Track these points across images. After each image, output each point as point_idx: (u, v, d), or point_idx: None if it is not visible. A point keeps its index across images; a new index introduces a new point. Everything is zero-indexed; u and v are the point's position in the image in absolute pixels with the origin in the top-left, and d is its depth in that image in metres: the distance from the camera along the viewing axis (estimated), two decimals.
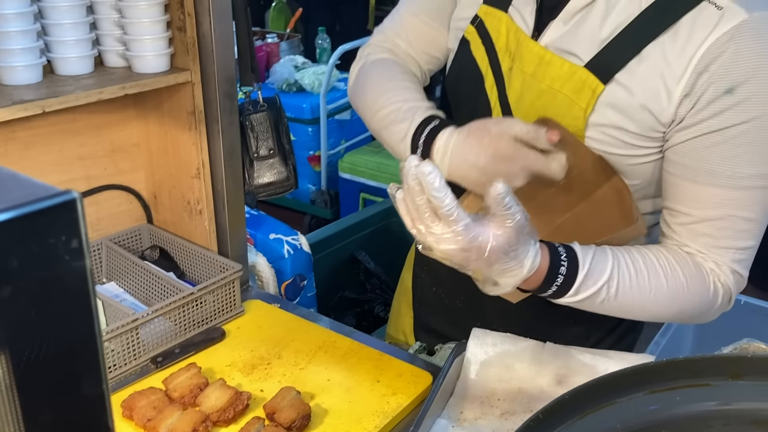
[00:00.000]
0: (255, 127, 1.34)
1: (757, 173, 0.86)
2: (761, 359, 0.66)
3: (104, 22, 1.20)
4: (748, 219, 0.88)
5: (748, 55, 0.81)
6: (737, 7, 0.81)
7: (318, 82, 3.41)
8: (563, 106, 0.91)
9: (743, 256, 0.92)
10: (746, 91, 0.81)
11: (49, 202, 0.29)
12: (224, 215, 1.34)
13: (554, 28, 0.92)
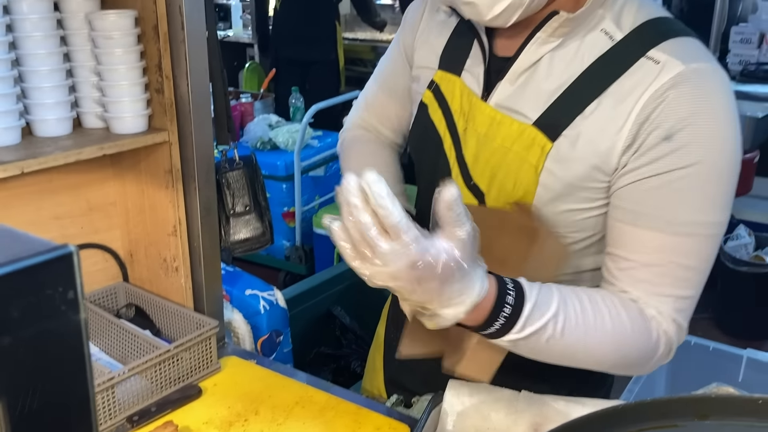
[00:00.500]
0: (231, 184, 1.37)
1: (695, 221, 0.87)
2: (725, 399, 0.69)
3: (83, 85, 1.23)
4: (687, 267, 0.88)
5: (685, 103, 0.84)
6: (675, 60, 0.85)
7: (292, 139, 3.47)
8: (515, 163, 0.94)
9: (683, 306, 0.91)
10: (683, 138, 0.84)
11: (47, 256, 0.31)
12: (200, 272, 1.35)
13: (502, 89, 0.97)
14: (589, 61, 0.90)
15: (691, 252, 0.88)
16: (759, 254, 3.14)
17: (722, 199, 0.88)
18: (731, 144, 0.87)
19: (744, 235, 3.17)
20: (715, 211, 0.88)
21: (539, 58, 0.93)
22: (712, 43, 3.75)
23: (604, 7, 0.92)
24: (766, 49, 3.68)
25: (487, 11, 0.88)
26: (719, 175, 0.87)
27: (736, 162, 0.88)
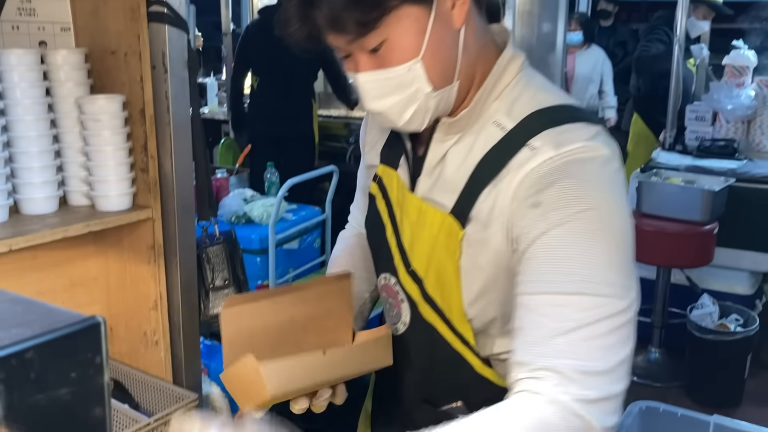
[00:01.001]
0: (211, 259, 1.41)
1: (577, 279, 0.86)
2: None
3: (71, 165, 1.28)
4: (572, 329, 0.85)
5: (548, 176, 0.89)
6: (547, 146, 0.91)
7: (267, 213, 3.52)
8: (441, 250, 1.00)
9: (577, 367, 0.84)
10: (547, 203, 0.88)
11: (80, 326, 0.36)
12: (180, 345, 1.38)
13: (422, 182, 1.05)
14: (483, 152, 0.96)
15: (576, 312, 0.86)
16: (723, 322, 3.23)
17: (592, 258, 0.87)
18: (593, 207, 0.88)
19: (708, 304, 3.26)
20: (584, 269, 0.86)
21: (444, 154, 1.01)
22: (669, 121, 3.96)
23: (499, 99, 0.98)
24: (719, 126, 3.88)
25: (398, 119, 0.96)
26: (581, 235, 0.87)
27: (605, 226, 0.88)
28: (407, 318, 1.10)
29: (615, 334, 0.85)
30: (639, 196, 3.35)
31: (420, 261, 1.04)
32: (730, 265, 3.52)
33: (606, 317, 0.85)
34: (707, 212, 3.18)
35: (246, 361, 0.98)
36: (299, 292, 1.13)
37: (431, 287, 1.04)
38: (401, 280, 1.09)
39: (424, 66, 0.92)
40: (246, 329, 1.04)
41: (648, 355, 3.57)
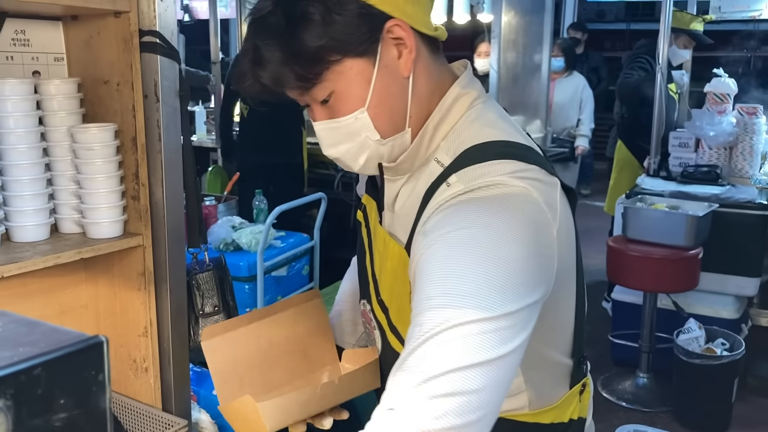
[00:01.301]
0: (201, 285, 1.42)
1: (438, 302, 0.82)
2: None
3: (62, 193, 1.29)
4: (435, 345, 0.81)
5: (445, 213, 0.89)
6: (459, 183, 0.91)
7: (255, 240, 3.52)
8: (399, 282, 1.01)
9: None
10: (429, 229, 0.89)
11: (84, 344, 0.37)
12: (169, 372, 1.38)
13: (386, 216, 1.08)
14: (424, 188, 0.97)
15: (433, 327, 0.81)
16: (710, 347, 3.25)
17: (477, 274, 0.82)
18: (469, 228, 0.85)
19: (694, 328, 3.29)
20: (463, 282, 0.82)
21: (397, 192, 1.04)
22: (653, 147, 4.02)
23: (446, 139, 0.99)
24: (702, 152, 3.94)
25: (353, 164, 1.01)
26: (446, 255, 0.85)
27: (479, 246, 0.84)
28: (379, 344, 1.14)
29: (467, 341, 0.79)
30: (624, 222, 3.40)
31: (385, 291, 1.07)
32: (715, 289, 3.56)
33: (457, 325, 0.79)
34: (692, 237, 3.22)
35: (244, 400, 1.01)
36: (273, 316, 1.17)
37: (394, 316, 1.06)
38: (373, 307, 1.12)
39: (370, 115, 0.95)
40: (230, 357, 1.07)
41: (636, 380, 3.59)
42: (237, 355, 1.08)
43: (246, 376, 1.09)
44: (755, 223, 3.46)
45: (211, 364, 1.08)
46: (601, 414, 3.30)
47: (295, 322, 1.20)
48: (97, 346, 0.37)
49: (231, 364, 1.09)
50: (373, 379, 1.16)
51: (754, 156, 3.82)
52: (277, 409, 1.02)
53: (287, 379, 1.19)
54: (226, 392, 1.10)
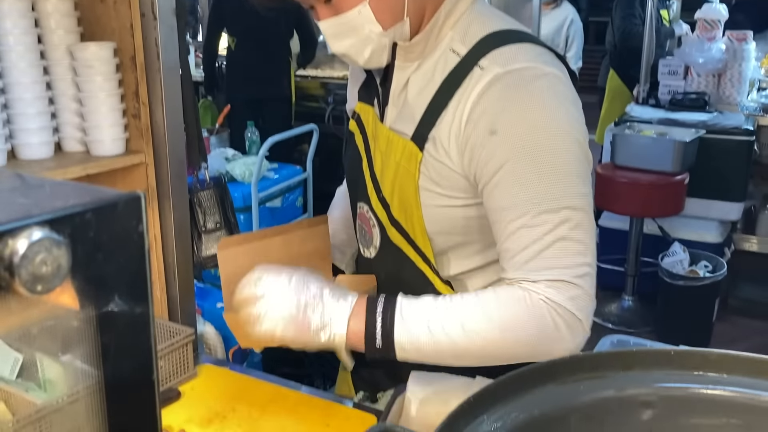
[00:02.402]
0: (202, 203, 1.47)
1: (538, 206, 0.96)
2: (645, 352, 0.82)
3: (64, 112, 1.32)
4: (553, 240, 0.96)
5: (499, 100, 0.97)
6: (494, 65, 0.98)
7: (249, 172, 3.56)
8: (405, 176, 1.08)
9: (567, 275, 0.96)
10: (503, 130, 0.96)
11: (126, 197, 0.42)
12: (175, 286, 1.44)
13: (389, 112, 1.13)
14: (441, 77, 1.03)
15: (548, 229, 0.96)
16: (693, 269, 3.36)
17: (554, 175, 0.96)
18: (546, 127, 0.96)
19: (679, 251, 3.39)
20: (551, 188, 0.96)
21: (406, 82, 1.09)
22: (642, 75, 4.03)
23: (453, 29, 1.06)
24: (690, 79, 3.96)
25: (359, 58, 1.06)
26: (539, 156, 0.96)
27: (560, 144, 0.97)
28: (377, 242, 1.20)
29: (583, 240, 0.97)
30: (613, 149, 3.45)
31: (387, 188, 1.13)
32: (700, 214, 3.64)
33: (574, 228, 0.96)
34: (678, 163, 3.28)
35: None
36: (285, 235, 1.22)
37: (396, 210, 1.13)
38: (373, 206, 1.17)
39: (372, 8, 1.01)
40: (241, 269, 1.12)
41: (621, 303, 3.71)
42: (247, 268, 1.13)
43: None
44: (741, 148, 3.52)
45: (223, 273, 1.14)
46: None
47: (302, 243, 1.25)
48: (135, 199, 0.41)
49: (241, 275, 1.14)
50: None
51: (743, 83, 3.85)
52: None
53: None
54: (231, 302, 1.16)
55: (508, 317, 0.98)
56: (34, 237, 0.36)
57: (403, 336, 0.99)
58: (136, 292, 0.43)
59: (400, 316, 1.00)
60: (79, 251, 0.39)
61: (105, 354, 0.42)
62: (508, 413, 0.75)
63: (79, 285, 0.41)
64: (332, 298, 1.02)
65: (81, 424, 0.97)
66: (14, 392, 1.12)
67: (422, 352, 1.01)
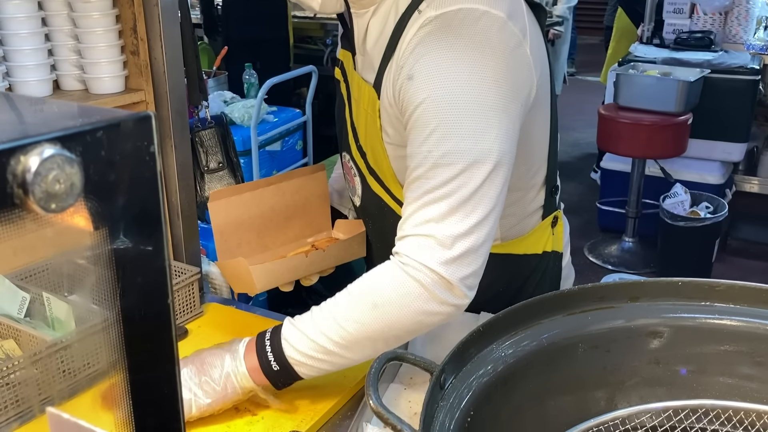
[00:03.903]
0: (204, 142, 1.45)
1: (435, 149, 0.89)
2: (652, 283, 0.82)
3: (61, 49, 1.29)
4: (437, 197, 0.90)
5: (424, 44, 0.91)
6: (429, 9, 0.92)
7: (247, 115, 3.52)
8: (372, 124, 1.06)
9: (445, 233, 0.89)
10: (419, 75, 0.91)
11: (135, 116, 0.41)
12: (179, 225, 1.43)
13: (358, 60, 1.10)
14: (394, 21, 0.98)
15: (441, 181, 0.90)
16: (694, 210, 3.36)
17: (458, 128, 0.89)
18: (459, 76, 0.89)
19: (680, 193, 3.38)
20: (453, 140, 0.89)
21: (366, 28, 1.04)
22: (647, 14, 3.95)
23: None
24: (696, 18, 3.89)
25: (314, 3, 1.03)
26: (446, 105, 0.89)
27: (473, 94, 0.89)
28: (359, 190, 1.19)
29: (478, 197, 0.89)
30: (616, 90, 3.41)
31: (362, 135, 1.11)
32: (702, 155, 3.63)
33: (467, 182, 0.89)
34: (682, 103, 3.24)
35: (239, 261, 1.11)
36: (279, 184, 1.23)
37: (371, 159, 1.11)
38: (353, 155, 1.16)
39: None
40: (233, 219, 1.13)
41: (622, 244, 3.72)
42: (239, 218, 1.14)
43: (244, 237, 1.16)
44: (745, 88, 3.48)
45: (215, 224, 1.15)
46: (587, 276, 3.47)
47: (297, 191, 1.26)
48: (146, 119, 0.40)
49: (233, 225, 1.15)
50: (359, 249, 1.25)
51: (750, 20, 3.78)
52: (268, 272, 1.14)
53: (282, 242, 1.27)
54: (224, 250, 1.18)
55: (374, 293, 0.93)
56: (46, 154, 0.36)
57: (292, 351, 0.97)
58: (149, 213, 0.43)
59: (285, 336, 0.98)
60: (91, 170, 0.38)
61: (119, 280, 0.42)
62: (518, 342, 0.75)
63: (92, 205, 0.40)
64: (224, 353, 1.02)
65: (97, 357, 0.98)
66: (24, 329, 1.13)
67: (317, 360, 0.97)
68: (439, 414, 0.65)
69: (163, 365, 0.50)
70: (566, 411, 0.77)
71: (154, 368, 0.50)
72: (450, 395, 0.68)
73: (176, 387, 0.50)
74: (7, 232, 0.38)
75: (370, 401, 0.68)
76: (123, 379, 0.49)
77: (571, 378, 0.79)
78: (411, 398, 1.08)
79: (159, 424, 0.52)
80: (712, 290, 0.82)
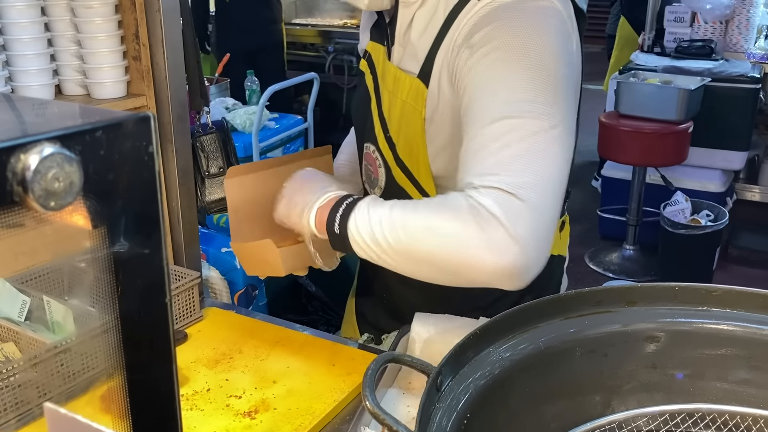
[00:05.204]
0: (205, 147, 1.46)
1: (499, 111, 0.90)
2: (649, 288, 0.83)
3: (64, 54, 1.30)
4: (502, 147, 0.89)
5: (484, 18, 0.96)
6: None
7: (249, 121, 3.53)
8: (411, 114, 1.07)
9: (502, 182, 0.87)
10: (481, 41, 0.94)
11: (134, 117, 0.42)
12: (179, 230, 1.44)
13: (396, 51, 1.12)
14: (444, 13, 1.03)
15: (504, 133, 0.89)
16: (695, 218, 3.36)
17: (528, 83, 0.90)
18: (528, 37, 0.93)
19: (681, 200, 3.39)
20: (518, 90, 0.91)
21: (411, 19, 1.07)
22: (648, 22, 3.97)
23: None
24: (697, 27, 3.90)
25: (360, 2, 1.06)
26: (513, 63, 0.92)
27: (541, 56, 0.92)
28: (383, 182, 1.19)
29: (540, 151, 0.88)
30: (617, 98, 3.41)
31: (394, 127, 1.12)
32: (703, 164, 3.63)
33: (528, 136, 0.88)
34: (683, 111, 3.25)
35: (265, 244, 1.11)
36: (289, 165, 1.23)
37: (401, 150, 1.12)
38: (380, 146, 1.17)
39: None
40: (248, 198, 1.13)
41: (623, 252, 3.72)
42: (254, 196, 1.14)
43: (257, 217, 1.16)
44: (746, 96, 3.49)
45: (230, 202, 1.16)
46: (587, 284, 3.47)
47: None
48: (145, 119, 0.41)
49: (248, 204, 1.16)
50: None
51: (750, 29, 3.79)
52: (294, 255, 1.13)
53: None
54: (239, 231, 1.17)
55: (436, 217, 0.91)
56: (46, 152, 0.36)
57: (354, 228, 0.96)
58: (147, 212, 0.43)
59: (355, 212, 0.97)
60: (90, 169, 0.39)
61: (118, 277, 0.43)
62: (515, 345, 0.76)
63: (91, 204, 0.40)
64: (315, 190, 1.05)
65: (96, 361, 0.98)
66: (24, 332, 1.13)
67: (369, 248, 0.96)
68: (435, 416, 0.66)
69: (161, 365, 0.50)
70: (563, 415, 0.77)
71: (152, 368, 0.50)
72: (447, 397, 0.68)
73: (173, 386, 0.51)
74: (6, 229, 0.38)
75: (366, 402, 0.68)
76: (121, 379, 0.50)
77: (568, 382, 0.79)
78: (409, 403, 1.09)
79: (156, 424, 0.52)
80: (709, 295, 0.82)
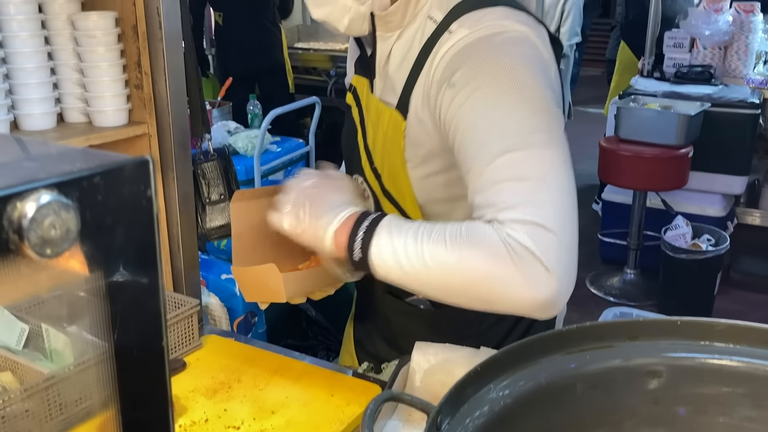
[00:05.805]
0: (206, 174, 1.46)
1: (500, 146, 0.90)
2: (651, 322, 0.82)
3: (66, 82, 1.31)
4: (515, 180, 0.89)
5: (459, 56, 0.96)
6: (462, 28, 0.98)
7: (251, 145, 3.54)
8: (392, 146, 1.09)
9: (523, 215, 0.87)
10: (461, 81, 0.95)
11: (134, 161, 0.41)
12: (179, 257, 1.44)
13: (377, 84, 1.13)
14: (419, 45, 1.04)
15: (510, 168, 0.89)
16: (696, 242, 3.36)
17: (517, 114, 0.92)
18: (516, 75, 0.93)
19: (682, 225, 3.38)
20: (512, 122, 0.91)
21: (389, 53, 1.09)
22: (648, 48, 3.99)
23: None
24: (696, 52, 3.92)
25: (339, 25, 1.06)
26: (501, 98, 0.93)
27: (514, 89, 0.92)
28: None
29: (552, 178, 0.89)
30: (617, 122, 3.43)
31: (378, 158, 1.13)
32: (703, 188, 3.63)
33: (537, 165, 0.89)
34: (683, 136, 3.26)
35: (269, 268, 1.09)
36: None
37: (386, 180, 1.13)
38: (367, 177, 1.18)
39: None
40: (251, 223, 1.13)
41: (623, 276, 3.71)
42: (258, 222, 1.14)
43: (260, 243, 1.16)
44: (745, 122, 3.50)
45: (234, 226, 1.15)
46: (588, 308, 3.46)
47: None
48: (143, 164, 0.41)
49: (252, 229, 1.15)
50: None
51: (749, 55, 3.81)
52: (296, 281, 1.13)
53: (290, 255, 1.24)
54: (241, 255, 1.16)
55: (469, 252, 0.89)
56: (43, 200, 0.36)
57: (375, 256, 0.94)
58: (145, 257, 0.43)
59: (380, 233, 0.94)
60: (87, 215, 0.39)
61: (114, 321, 0.42)
62: (515, 381, 0.75)
63: (87, 250, 0.40)
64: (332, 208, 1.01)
65: (90, 392, 0.98)
66: (21, 362, 1.13)
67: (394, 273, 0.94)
68: None
69: (156, 406, 0.49)
70: None
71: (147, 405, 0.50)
72: None
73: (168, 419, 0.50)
74: (1, 275, 0.38)
75: None
76: (115, 414, 0.49)
77: (570, 418, 0.78)
78: None
79: None
80: (712, 329, 0.81)
